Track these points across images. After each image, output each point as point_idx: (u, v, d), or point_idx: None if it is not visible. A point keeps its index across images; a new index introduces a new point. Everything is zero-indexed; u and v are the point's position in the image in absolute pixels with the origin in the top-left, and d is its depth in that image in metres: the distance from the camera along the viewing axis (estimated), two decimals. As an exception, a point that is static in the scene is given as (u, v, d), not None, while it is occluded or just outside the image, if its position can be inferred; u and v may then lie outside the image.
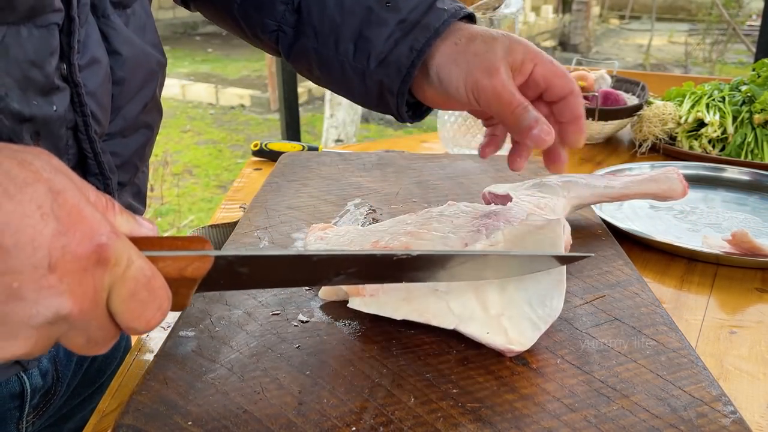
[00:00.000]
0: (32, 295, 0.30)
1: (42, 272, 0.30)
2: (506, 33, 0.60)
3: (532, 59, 0.58)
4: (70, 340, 0.34)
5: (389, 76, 0.61)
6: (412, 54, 0.59)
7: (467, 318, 0.53)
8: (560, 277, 0.54)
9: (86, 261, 0.31)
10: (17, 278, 0.30)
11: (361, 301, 0.55)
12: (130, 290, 0.34)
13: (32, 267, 0.30)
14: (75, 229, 0.31)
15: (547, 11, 9.92)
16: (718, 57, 7.81)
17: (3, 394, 0.57)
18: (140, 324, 0.35)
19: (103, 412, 0.58)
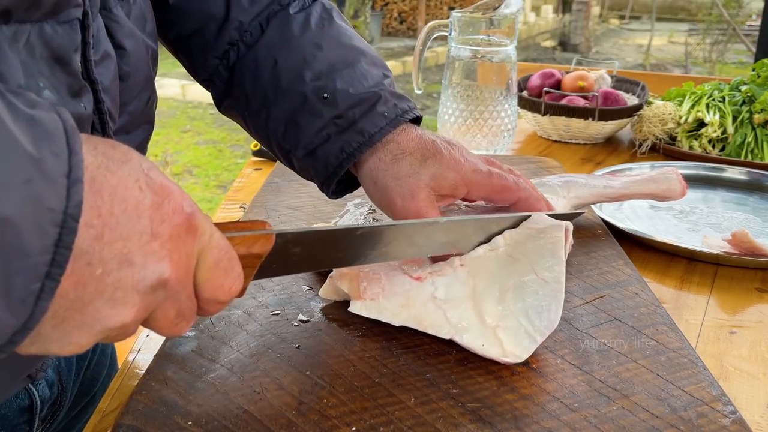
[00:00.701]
0: (140, 260, 0.33)
1: (146, 238, 0.33)
2: (446, 150, 0.58)
3: (465, 185, 0.58)
4: (163, 313, 0.36)
5: (316, 168, 0.61)
6: (341, 155, 0.59)
7: (464, 329, 0.53)
8: (558, 288, 0.54)
9: (179, 229, 0.35)
10: (127, 244, 0.32)
11: (362, 305, 0.55)
12: (215, 258, 0.37)
13: (138, 233, 0.33)
14: (168, 200, 0.34)
15: (547, 11, 9.92)
16: (718, 57, 7.81)
17: (13, 409, 0.55)
18: (222, 293, 0.38)
19: (103, 412, 0.58)
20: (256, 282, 0.62)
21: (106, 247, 0.32)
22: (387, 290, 0.56)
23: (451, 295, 0.55)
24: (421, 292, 0.56)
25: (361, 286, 0.56)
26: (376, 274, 0.57)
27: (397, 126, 0.59)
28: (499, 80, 1.09)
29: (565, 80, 1.37)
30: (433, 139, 0.59)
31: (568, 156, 1.24)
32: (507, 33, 1.08)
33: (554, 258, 0.55)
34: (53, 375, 0.60)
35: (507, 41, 1.09)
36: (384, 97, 0.59)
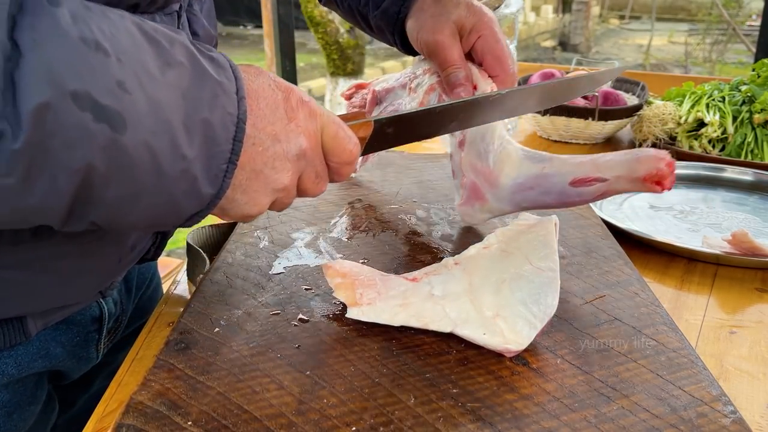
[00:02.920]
0: (284, 137, 0.46)
1: (285, 122, 0.46)
2: (478, 7, 0.68)
3: (478, 31, 0.67)
4: (307, 176, 0.49)
5: (385, 20, 0.73)
6: (399, 3, 0.71)
7: (463, 321, 0.53)
8: (553, 275, 0.54)
9: (304, 112, 0.48)
10: (273, 128, 0.46)
11: (359, 310, 0.55)
12: (334, 130, 0.50)
13: (279, 119, 0.46)
14: (291, 94, 0.47)
15: (547, 11, 9.92)
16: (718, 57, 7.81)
17: (86, 318, 0.65)
18: (346, 155, 0.50)
19: (103, 412, 0.58)
20: (256, 282, 0.62)
21: (261, 132, 0.45)
22: (383, 293, 0.56)
23: (448, 291, 0.56)
24: (418, 292, 0.56)
25: (357, 293, 0.56)
26: (371, 279, 0.57)
27: None
28: (499, 80, 1.09)
29: (565, 80, 1.37)
30: (477, 2, 0.70)
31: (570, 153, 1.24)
32: (507, 33, 1.08)
33: (547, 248, 0.56)
34: (117, 296, 0.70)
35: (507, 41, 1.09)
36: None
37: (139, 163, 0.39)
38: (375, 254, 0.69)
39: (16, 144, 0.34)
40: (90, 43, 0.36)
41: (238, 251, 0.69)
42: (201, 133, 0.41)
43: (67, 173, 0.36)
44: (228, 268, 0.65)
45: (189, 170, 0.41)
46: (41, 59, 0.34)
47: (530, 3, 9.68)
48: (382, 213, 0.80)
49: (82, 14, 0.37)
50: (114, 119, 0.37)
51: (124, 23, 0.39)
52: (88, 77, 0.36)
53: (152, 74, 0.39)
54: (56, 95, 0.35)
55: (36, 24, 0.34)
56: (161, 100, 0.39)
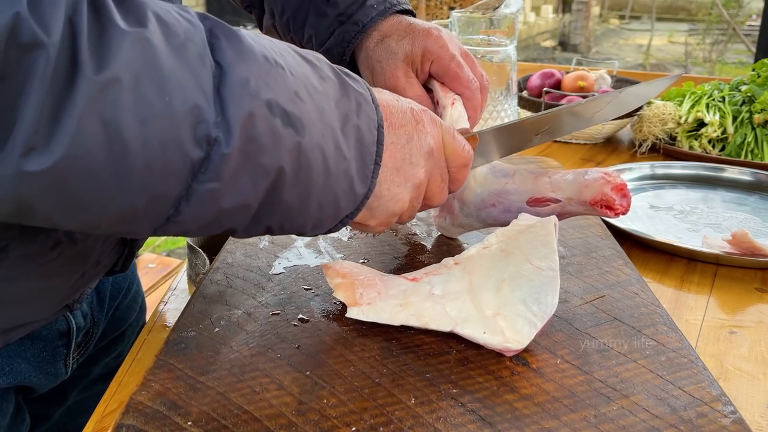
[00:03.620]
0: (415, 137, 0.52)
1: (413, 125, 0.52)
2: (421, 30, 0.68)
3: (429, 57, 0.68)
4: (434, 179, 0.55)
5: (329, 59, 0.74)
6: (343, 44, 0.71)
7: (463, 320, 0.53)
8: (553, 275, 0.54)
9: (426, 118, 0.53)
10: (406, 130, 0.51)
11: (359, 310, 0.55)
12: (452, 134, 0.55)
13: (409, 122, 0.52)
14: (411, 104, 0.53)
15: (547, 11, 9.92)
16: (718, 57, 7.80)
17: (52, 333, 0.64)
18: (462, 158, 0.56)
19: (103, 412, 0.58)
20: (256, 282, 0.62)
21: (396, 133, 0.51)
22: (383, 293, 0.56)
23: (448, 290, 0.56)
24: (418, 291, 0.56)
25: (357, 293, 0.56)
26: (371, 279, 0.57)
27: (385, 15, 0.70)
28: (499, 80, 1.09)
29: (565, 80, 1.37)
30: (422, 24, 0.70)
31: (568, 156, 1.24)
32: (507, 33, 1.08)
33: (547, 248, 0.56)
34: (87, 308, 0.69)
35: (507, 41, 1.09)
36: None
37: (314, 164, 0.43)
38: (375, 254, 0.69)
39: (227, 149, 0.38)
40: (270, 59, 0.41)
41: (238, 251, 0.69)
42: (354, 137, 0.46)
43: (263, 176, 0.41)
44: (228, 268, 0.65)
45: (348, 170, 0.46)
46: (240, 74, 0.39)
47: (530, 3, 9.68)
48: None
49: (255, 37, 0.42)
50: (296, 124, 0.42)
51: (283, 45, 0.45)
52: (275, 88, 0.41)
53: (315, 86, 0.44)
54: (256, 104, 0.39)
55: (231, 45, 0.40)
56: (324, 108, 0.44)
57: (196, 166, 0.37)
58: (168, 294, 0.76)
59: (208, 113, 0.37)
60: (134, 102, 0.34)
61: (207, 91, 0.37)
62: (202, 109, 0.37)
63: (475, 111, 0.69)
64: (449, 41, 0.69)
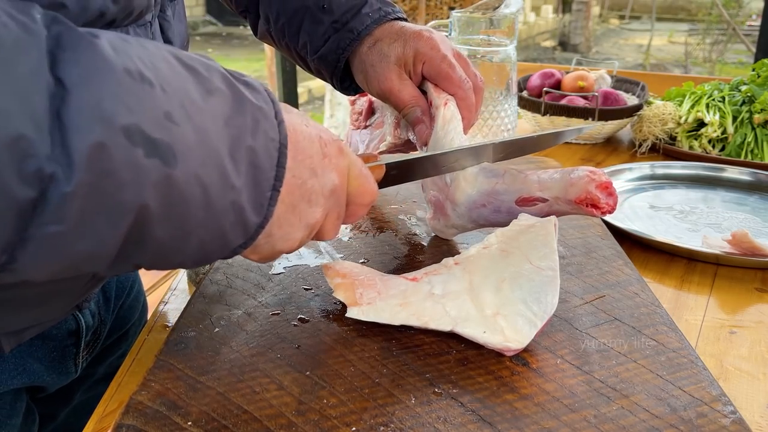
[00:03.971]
0: (320, 171, 0.47)
1: (320, 157, 0.47)
2: (412, 32, 0.68)
3: (421, 59, 0.68)
4: (331, 217, 0.49)
5: (323, 66, 0.74)
6: (338, 51, 0.71)
7: (463, 319, 0.53)
8: (553, 274, 0.54)
9: (334, 149, 0.48)
10: (312, 161, 0.46)
11: (359, 310, 0.55)
12: (358, 169, 0.51)
13: (315, 154, 0.46)
14: (322, 132, 0.48)
15: (547, 11, 9.92)
16: (718, 57, 7.80)
17: (62, 332, 0.64)
18: (367, 197, 0.52)
19: (103, 412, 0.58)
20: (256, 282, 0.62)
21: (300, 164, 0.45)
22: (383, 293, 0.56)
23: (448, 290, 0.56)
24: (418, 291, 0.56)
25: (357, 293, 0.56)
26: (371, 279, 0.57)
27: (380, 23, 0.70)
28: (499, 80, 1.09)
29: (565, 80, 1.37)
30: (413, 27, 0.70)
31: (568, 156, 1.24)
32: (507, 33, 1.08)
33: (547, 248, 0.56)
34: (95, 307, 0.69)
35: (507, 41, 1.09)
36: (369, 2, 0.72)
37: (191, 198, 0.38)
38: (375, 254, 0.69)
39: (68, 187, 0.32)
40: (134, 74, 0.35)
41: (238, 251, 0.69)
42: (247, 161, 0.40)
43: (121, 215, 0.35)
44: (228, 268, 0.65)
45: (237, 201, 0.40)
46: (89, 95, 0.33)
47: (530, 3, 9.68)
48: (382, 213, 0.80)
49: (121, 45, 0.35)
50: (165, 153, 0.36)
51: (161, 52, 0.38)
52: (138, 110, 0.34)
53: (196, 103, 0.38)
54: (109, 132, 0.33)
55: (79, 58, 0.33)
56: (208, 129, 0.38)
57: (27, 208, 0.31)
58: (168, 294, 0.76)
59: (38, 145, 0.31)
60: None
61: (39, 117, 0.31)
62: (28, 140, 0.31)
63: (468, 111, 0.69)
64: (441, 43, 0.69)
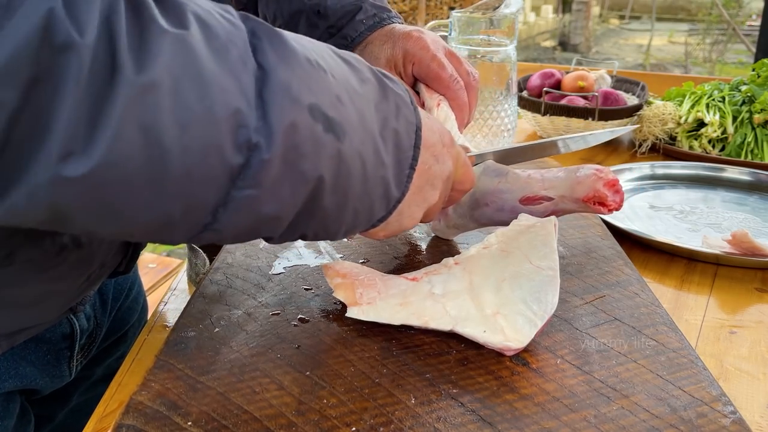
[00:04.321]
0: (441, 159, 0.52)
1: (440, 147, 0.51)
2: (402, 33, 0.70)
3: (410, 59, 0.69)
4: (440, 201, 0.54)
5: None
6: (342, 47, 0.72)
7: (464, 319, 0.53)
8: (554, 274, 0.54)
9: (447, 139, 0.53)
10: (435, 150, 0.51)
11: (359, 310, 0.55)
12: (464, 158, 0.56)
13: (437, 143, 0.51)
14: (437, 124, 0.53)
15: (547, 11, 9.91)
16: (718, 57, 7.80)
17: (56, 335, 0.64)
18: (468, 183, 0.58)
19: (103, 412, 0.58)
20: (256, 282, 0.62)
21: (427, 151, 0.50)
22: (383, 293, 0.56)
23: (448, 290, 0.56)
24: (418, 290, 0.56)
25: (357, 293, 0.56)
26: (371, 279, 0.57)
27: (374, 30, 0.71)
28: (499, 80, 1.09)
29: (565, 80, 1.37)
30: (403, 27, 0.71)
31: (568, 156, 1.24)
32: (507, 33, 1.08)
33: (547, 247, 0.56)
34: (90, 310, 0.69)
35: (507, 41, 1.09)
36: (364, 8, 0.72)
37: (354, 171, 0.42)
38: (375, 254, 0.69)
39: (267, 155, 0.37)
40: (312, 62, 0.40)
41: (238, 251, 0.69)
42: (392, 141, 0.45)
43: (303, 183, 0.40)
44: (228, 268, 0.65)
45: (385, 176, 0.45)
46: (283, 78, 0.38)
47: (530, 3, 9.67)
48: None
49: (297, 37, 0.41)
50: (337, 129, 0.40)
51: (322, 46, 0.43)
52: (318, 92, 0.40)
53: (356, 89, 0.43)
54: (299, 109, 0.38)
55: (273, 47, 0.38)
56: (364, 112, 0.43)
57: (236, 172, 0.36)
58: (168, 294, 0.76)
59: (249, 118, 0.36)
60: (174, 106, 0.33)
61: (249, 95, 0.36)
62: (243, 114, 0.36)
63: (461, 110, 0.69)
64: (431, 42, 0.69)
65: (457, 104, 0.69)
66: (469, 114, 0.71)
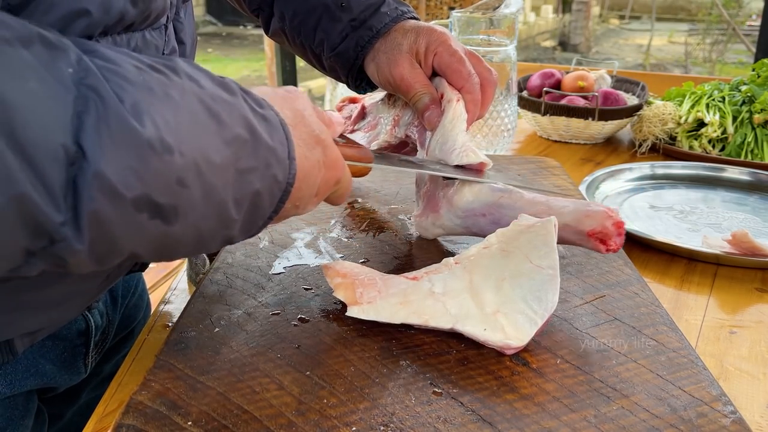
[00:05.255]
0: (304, 209, 0.50)
1: (311, 197, 0.49)
2: (426, 27, 0.71)
3: (433, 50, 0.70)
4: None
5: (340, 63, 0.75)
6: (357, 48, 0.72)
7: (464, 317, 0.53)
8: (554, 273, 0.54)
9: (332, 187, 0.52)
10: (301, 202, 0.49)
11: (359, 309, 0.55)
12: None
13: (309, 195, 0.49)
14: (331, 173, 0.51)
15: (547, 11, 9.92)
16: (718, 57, 7.80)
17: (72, 332, 0.65)
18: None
19: (103, 412, 0.58)
20: (256, 282, 0.62)
21: (303, 192, 0.48)
22: (383, 292, 0.56)
23: (448, 288, 0.56)
24: (419, 289, 0.56)
25: (357, 292, 0.56)
26: (371, 279, 0.57)
27: (398, 22, 0.72)
28: (499, 80, 1.09)
29: (565, 80, 1.38)
30: (427, 24, 0.73)
31: (568, 156, 1.24)
32: (507, 33, 1.08)
33: (547, 247, 0.56)
34: (103, 307, 0.70)
35: (507, 41, 1.09)
36: (387, 1, 0.74)
37: (185, 242, 0.41)
38: (375, 254, 0.69)
39: (80, 246, 0.35)
40: (156, 143, 0.35)
41: (238, 251, 0.69)
42: (249, 203, 0.43)
43: (117, 257, 0.38)
44: (228, 268, 0.65)
45: (229, 234, 0.43)
46: (107, 167, 0.33)
47: (530, 3, 9.67)
48: (382, 213, 0.80)
49: (147, 104, 0.36)
50: (168, 214, 0.38)
51: (189, 101, 0.38)
52: (151, 181, 0.36)
53: (211, 161, 0.39)
54: (118, 205, 0.35)
55: (104, 127, 0.33)
56: (216, 185, 0.40)
57: (35, 251, 0.34)
58: (168, 294, 0.76)
59: (52, 214, 0.33)
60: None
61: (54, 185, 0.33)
62: (37, 206, 0.32)
63: (474, 105, 0.70)
64: (453, 40, 0.71)
65: (472, 98, 0.70)
66: (484, 109, 0.72)
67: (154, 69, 0.38)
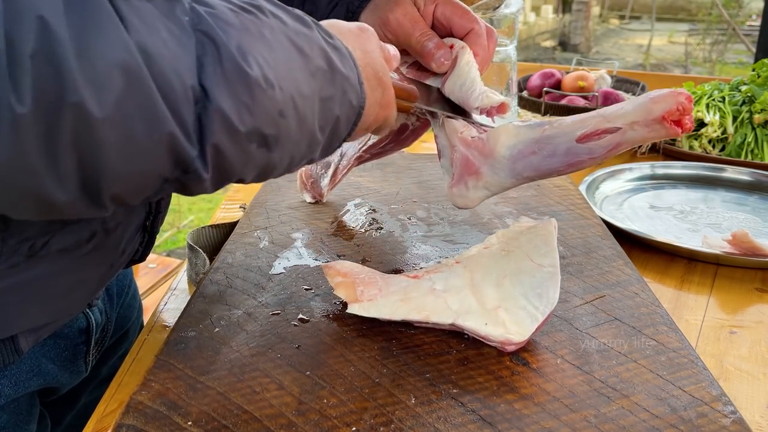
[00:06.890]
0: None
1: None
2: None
3: (433, 1, 0.68)
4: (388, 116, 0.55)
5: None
6: (348, 14, 0.71)
7: (465, 312, 0.53)
8: (554, 270, 0.54)
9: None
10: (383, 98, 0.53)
11: (360, 306, 0.55)
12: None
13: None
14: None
15: (547, 11, 9.91)
16: (718, 57, 7.80)
17: (73, 331, 0.65)
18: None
19: (103, 412, 0.58)
20: (256, 282, 0.62)
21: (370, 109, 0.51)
22: (384, 290, 0.56)
23: (449, 286, 0.56)
24: (419, 287, 0.56)
25: (357, 290, 0.56)
26: (371, 278, 0.57)
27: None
28: (499, 80, 1.09)
29: (565, 80, 1.38)
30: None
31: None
32: (507, 33, 1.08)
33: (547, 246, 0.56)
34: (101, 305, 0.70)
35: (507, 41, 1.09)
36: None
37: (280, 166, 0.45)
38: (375, 254, 0.69)
39: (206, 175, 0.40)
40: (261, 81, 0.40)
41: (238, 251, 0.69)
42: (330, 128, 0.47)
43: (229, 182, 0.43)
44: (228, 268, 0.65)
45: (313, 156, 0.48)
46: (225, 104, 0.38)
47: (530, 3, 9.67)
48: (382, 213, 0.80)
49: (248, 45, 0.40)
50: (271, 143, 0.42)
51: (278, 39, 0.42)
52: (260, 115, 0.40)
53: (302, 93, 0.43)
54: (234, 137, 0.39)
55: (219, 69, 0.38)
56: (306, 114, 0.44)
57: (171, 178, 0.39)
58: (168, 294, 0.76)
59: (188, 149, 0.38)
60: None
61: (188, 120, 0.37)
62: (181, 143, 0.38)
63: (483, 49, 0.69)
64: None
65: (480, 42, 0.68)
66: (489, 56, 0.71)
67: (244, 10, 0.41)
